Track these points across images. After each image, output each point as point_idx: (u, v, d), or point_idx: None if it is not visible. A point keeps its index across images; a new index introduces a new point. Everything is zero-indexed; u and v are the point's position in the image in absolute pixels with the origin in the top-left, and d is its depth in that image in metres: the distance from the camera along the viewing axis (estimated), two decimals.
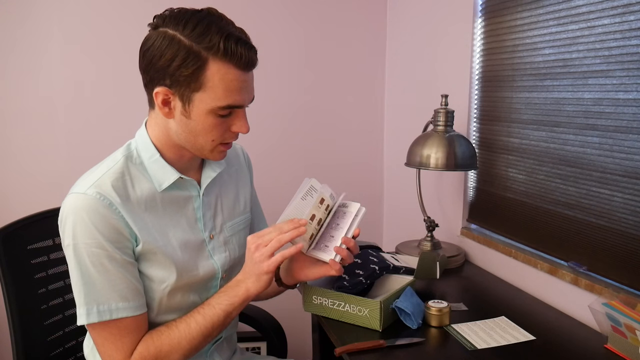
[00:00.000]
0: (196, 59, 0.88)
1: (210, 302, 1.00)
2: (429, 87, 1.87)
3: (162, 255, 0.97)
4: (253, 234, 1.01)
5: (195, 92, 0.91)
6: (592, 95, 1.19)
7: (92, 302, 0.91)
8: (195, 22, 0.88)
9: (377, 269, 1.25)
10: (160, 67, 0.90)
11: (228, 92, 0.91)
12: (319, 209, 1.04)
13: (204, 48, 0.88)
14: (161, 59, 0.89)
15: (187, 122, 0.94)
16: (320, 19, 2.07)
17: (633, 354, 1.00)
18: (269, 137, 2.07)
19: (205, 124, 0.94)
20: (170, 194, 1.01)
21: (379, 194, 2.28)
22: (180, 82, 0.90)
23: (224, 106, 0.92)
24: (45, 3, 1.76)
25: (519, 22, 1.41)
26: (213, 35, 0.87)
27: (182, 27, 0.88)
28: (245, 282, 1.00)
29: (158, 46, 0.89)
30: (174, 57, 0.88)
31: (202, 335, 0.98)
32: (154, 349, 0.95)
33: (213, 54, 0.88)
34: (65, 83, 1.82)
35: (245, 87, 0.94)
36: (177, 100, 0.92)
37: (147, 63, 0.91)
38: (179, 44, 0.88)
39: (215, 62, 0.89)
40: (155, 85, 0.92)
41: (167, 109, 0.94)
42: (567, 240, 1.30)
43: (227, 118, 0.95)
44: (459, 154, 1.46)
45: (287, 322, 1.59)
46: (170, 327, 0.98)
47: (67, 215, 0.91)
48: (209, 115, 0.93)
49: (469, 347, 1.06)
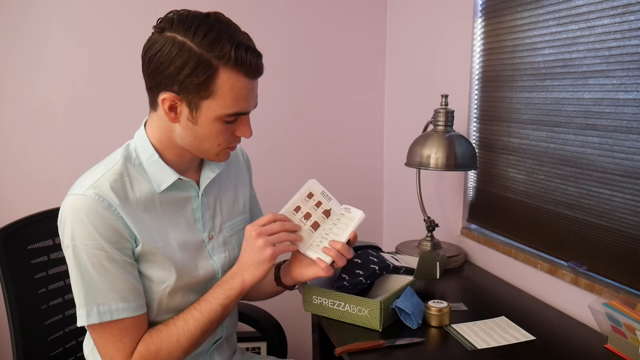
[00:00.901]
0: (207, 67, 0.87)
1: (206, 298, 1.00)
2: (429, 87, 1.87)
3: (161, 256, 0.97)
4: (251, 223, 1.02)
5: (203, 100, 0.91)
6: (592, 95, 1.19)
7: (92, 303, 0.91)
8: (205, 30, 0.87)
9: (377, 269, 1.25)
10: (170, 74, 0.89)
11: (236, 100, 0.92)
12: (305, 202, 1.09)
13: (215, 57, 0.87)
14: (170, 66, 0.88)
15: (194, 127, 0.94)
16: (320, 19, 2.07)
17: (633, 354, 1.00)
18: (270, 137, 2.07)
19: (212, 130, 0.94)
20: (169, 195, 1.01)
21: (379, 193, 2.28)
22: (189, 89, 0.90)
23: (231, 114, 0.93)
24: (45, 2, 1.76)
25: (519, 22, 1.41)
26: (224, 44, 0.87)
27: (192, 34, 0.87)
28: (240, 275, 1.00)
29: (167, 52, 0.88)
30: (184, 65, 0.87)
31: (200, 331, 0.98)
32: (153, 348, 0.95)
33: (224, 63, 0.88)
34: (64, 83, 1.82)
35: (252, 95, 0.95)
36: (184, 107, 0.92)
37: (154, 68, 0.90)
38: (189, 51, 0.87)
39: (226, 71, 0.89)
40: (162, 90, 0.91)
41: (174, 114, 0.93)
42: (567, 240, 1.30)
43: (232, 124, 0.96)
44: (459, 154, 1.46)
45: (287, 322, 1.59)
46: (168, 325, 0.98)
47: (66, 216, 0.91)
48: (216, 122, 0.93)
49: (469, 347, 1.06)
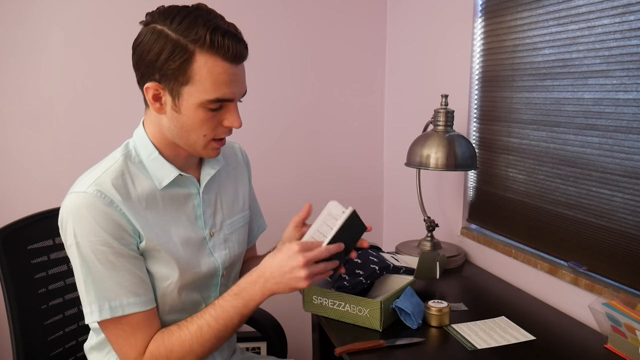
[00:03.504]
0: (183, 51, 0.88)
1: (223, 305, 0.97)
2: (429, 87, 1.87)
3: (165, 253, 0.97)
4: (301, 243, 0.95)
5: (183, 86, 0.91)
6: (592, 95, 1.19)
7: (103, 299, 0.91)
8: (182, 16, 0.89)
9: (377, 269, 1.25)
10: (149, 61, 0.90)
11: (216, 85, 0.91)
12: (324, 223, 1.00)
13: (190, 41, 0.88)
14: (149, 53, 0.90)
15: (178, 117, 0.94)
16: (319, 19, 2.07)
17: (633, 354, 1.00)
18: (270, 137, 2.07)
19: (196, 118, 0.94)
20: (171, 192, 1.01)
21: (379, 194, 2.28)
22: (168, 76, 0.90)
23: (212, 99, 0.92)
24: (46, 3, 1.76)
25: (519, 22, 1.41)
26: (199, 28, 0.88)
27: (169, 21, 0.89)
28: (264, 285, 0.95)
29: (147, 41, 0.90)
30: (162, 51, 0.89)
31: (215, 339, 0.96)
32: (164, 350, 0.95)
33: (199, 47, 0.88)
34: (65, 83, 1.82)
35: (235, 80, 0.93)
36: (167, 95, 0.93)
37: (137, 59, 0.93)
38: (166, 37, 0.88)
39: (202, 55, 0.89)
40: (146, 80, 0.93)
41: (159, 105, 0.94)
42: (567, 240, 1.30)
43: (218, 112, 0.95)
44: (459, 154, 1.46)
45: (287, 322, 1.59)
46: (181, 328, 0.96)
47: (68, 214, 0.91)
48: (199, 109, 0.93)
49: (469, 347, 1.06)
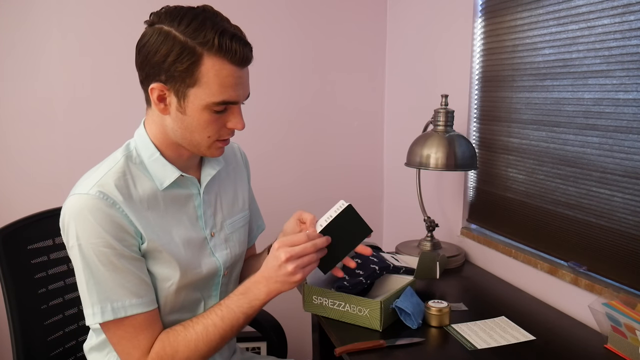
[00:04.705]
0: (191, 54, 0.88)
1: (229, 305, 0.97)
2: (429, 87, 1.87)
3: (166, 253, 0.97)
4: (282, 241, 0.95)
5: (190, 88, 0.91)
6: (592, 95, 1.19)
7: (105, 300, 0.91)
8: (190, 18, 0.89)
9: (377, 269, 1.25)
10: (156, 62, 0.90)
11: (223, 87, 0.91)
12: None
13: (199, 43, 0.88)
14: (156, 54, 0.89)
15: (183, 118, 0.94)
16: (320, 19, 2.07)
17: (633, 354, 1.00)
18: (270, 137, 2.07)
19: (201, 120, 0.94)
20: (172, 193, 1.01)
21: (379, 193, 2.28)
22: (175, 77, 0.90)
23: (218, 102, 0.92)
24: (45, 3, 1.76)
25: (519, 22, 1.41)
26: (208, 31, 0.88)
27: (177, 23, 0.89)
28: (267, 286, 0.96)
29: (153, 42, 0.89)
30: (169, 52, 0.88)
31: (220, 338, 0.97)
32: (170, 349, 0.95)
33: (208, 50, 0.88)
34: (64, 84, 1.82)
35: (240, 83, 0.94)
36: (172, 96, 0.93)
37: (142, 59, 0.92)
38: (174, 39, 0.88)
39: (210, 58, 0.89)
40: (151, 81, 0.92)
41: (163, 105, 0.94)
42: (567, 240, 1.30)
43: (222, 114, 0.95)
44: (459, 154, 1.46)
45: (287, 322, 1.59)
46: (187, 328, 0.97)
47: (69, 216, 0.91)
48: (204, 111, 0.93)
49: (469, 347, 1.06)
